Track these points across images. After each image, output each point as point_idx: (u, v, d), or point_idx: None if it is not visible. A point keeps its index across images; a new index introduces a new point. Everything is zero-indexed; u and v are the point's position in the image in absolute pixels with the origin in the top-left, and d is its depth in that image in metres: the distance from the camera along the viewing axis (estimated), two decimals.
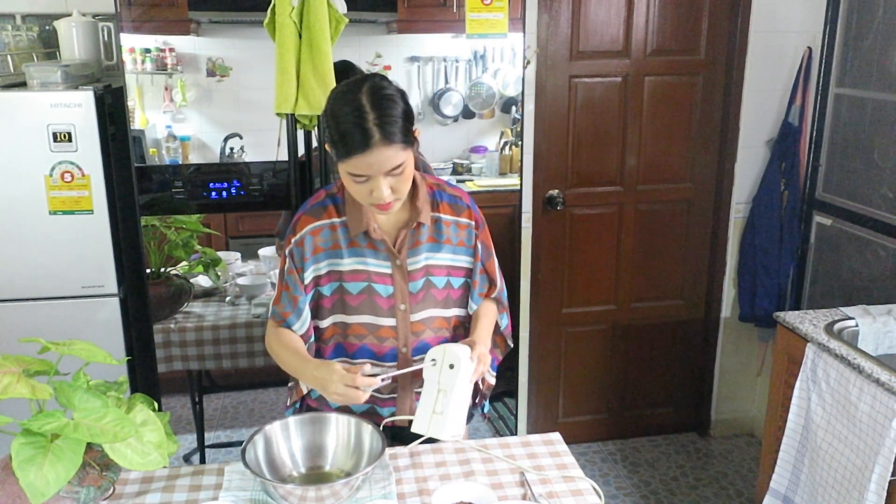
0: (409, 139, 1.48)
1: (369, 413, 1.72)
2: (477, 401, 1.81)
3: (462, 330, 1.75)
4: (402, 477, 1.56)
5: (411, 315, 1.65)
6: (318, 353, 1.71)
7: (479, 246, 1.70)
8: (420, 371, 1.61)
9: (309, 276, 1.63)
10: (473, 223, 1.69)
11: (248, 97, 2.22)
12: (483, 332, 1.67)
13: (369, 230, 1.59)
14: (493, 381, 1.82)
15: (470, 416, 1.80)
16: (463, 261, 1.69)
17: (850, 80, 2.86)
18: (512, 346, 1.87)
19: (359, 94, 1.46)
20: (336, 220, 1.61)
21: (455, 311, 1.72)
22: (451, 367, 1.51)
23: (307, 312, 1.64)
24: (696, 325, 3.40)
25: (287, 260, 1.63)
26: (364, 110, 1.43)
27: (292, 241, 1.62)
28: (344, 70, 2.18)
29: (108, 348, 1.59)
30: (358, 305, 1.63)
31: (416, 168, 1.59)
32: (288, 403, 1.77)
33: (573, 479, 1.57)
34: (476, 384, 1.79)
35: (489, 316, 1.73)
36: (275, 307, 1.66)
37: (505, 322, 1.82)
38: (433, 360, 1.53)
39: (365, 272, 1.62)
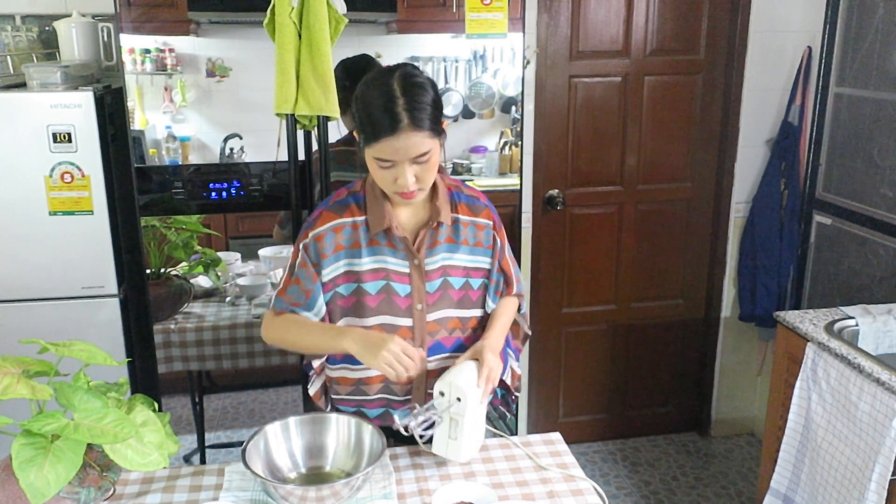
0: (438, 128, 1.50)
1: (382, 417, 1.71)
2: (511, 397, 1.85)
3: (482, 331, 1.73)
4: (402, 477, 1.57)
5: (427, 315, 1.64)
6: (329, 358, 1.72)
7: (499, 246, 1.71)
8: (434, 371, 1.65)
9: (328, 274, 1.60)
10: (491, 223, 1.69)
11: (247, 97, 2.22)
12: (495, 334, 1.66)
13: (391, 228, 1.58)
14: (519, 371, 1.85)
15: (503, 416, 1.84)
16: (481, 261, 1.69)
17: (850, 79, 2.86)
18: (530, 333, 1.88)
19: (390, 79, 1.47)
20: (358, 218, 1.60)
21: (473, 312, 1.72)
22: (459, 399, 1.52)
23: (321, 304, 1.62)
24: (696, 324, 3.40)
25: (301, 254, 1.61)
26: (394, 95, 1.45)
27: (310, 234, 1.60)
28: (365, 64, 2.20)
29: (109, 349, 1.60)
30: (376, 306, 1.62)
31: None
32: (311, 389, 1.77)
33: (573, 479, 1.57)
34: (503, 382, 1.81)
35: (507, 314, 1.73)
36: (280, 297, 1.62)
37: (524, 309, 1.84)
38: (441, 392, 1.54)
39: (384, 270, 1.61)
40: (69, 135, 2.13)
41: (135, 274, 2.39)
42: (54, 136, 2.13)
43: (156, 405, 1.45)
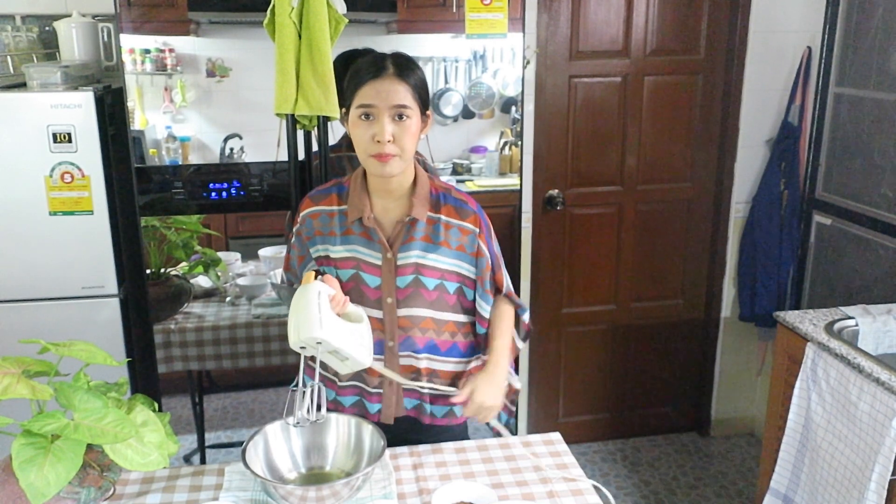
0: (420, 94, 1.57)
1: (357, 405, 1.73)
2: (511, 406, 1.83)
3: (461, 336, 1.73)
4: (402, 477, 1.57)
5: (398, 310, 1.65)
6: None
7: (489, 254, 1.67)
8: (406, 366, 1.67)
9: (314, 254, 1.70)
10: (477, 231, 1.65)
11: (247, 97, 2.22)
12: (490, 366, 1.65)
13: (363, 217, 1.61)
14: (518, 386, 1.82)
15: (507, 414, 1.83)
16: (461, 266, 1.67)
17: (850, 79, 2.86)
18: (521, 348, 1.84)
19: (385, 53, 1.60)
20: (335, 207, 1.66)
21: (451, 316, 1.70)
22: (319, 343, 1.47)
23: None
24: (696, 325, 3.40)
25: (294, 237, 1.73)
26: (384, 56, 1.58)
27: (297, 221, 1.71)
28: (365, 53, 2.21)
29: (109, 349, 1.60)
30: (348, 291, 1.64)
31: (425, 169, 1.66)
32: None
33: (573, 479, 1.57)
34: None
35: (506, 331, 1.71)
36: (287, 273, 1.78)
37: (525, 316, 1.80)
38: (301, 347, 1.48)
39: (354, 259, 1.64)
40: (69, 135, 2.13)
41: (135, 274, 2.39)
42: (54, 136, 2.13)
43: (156, 405, 1.45)
